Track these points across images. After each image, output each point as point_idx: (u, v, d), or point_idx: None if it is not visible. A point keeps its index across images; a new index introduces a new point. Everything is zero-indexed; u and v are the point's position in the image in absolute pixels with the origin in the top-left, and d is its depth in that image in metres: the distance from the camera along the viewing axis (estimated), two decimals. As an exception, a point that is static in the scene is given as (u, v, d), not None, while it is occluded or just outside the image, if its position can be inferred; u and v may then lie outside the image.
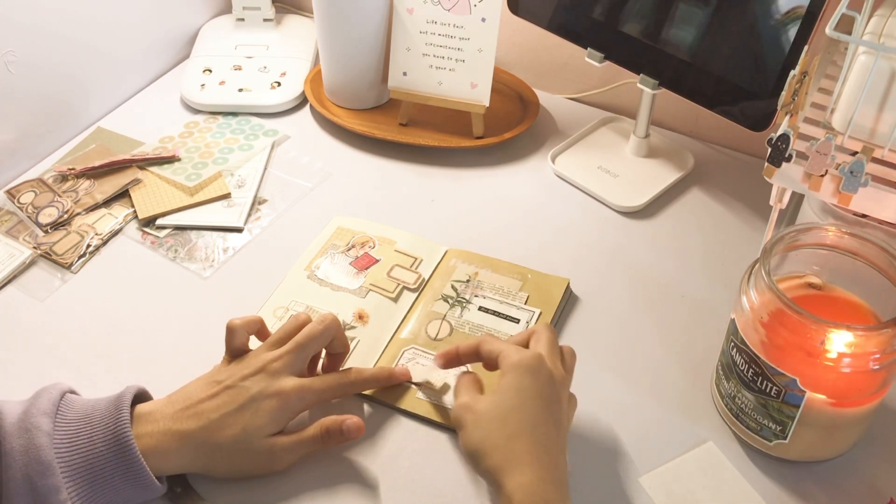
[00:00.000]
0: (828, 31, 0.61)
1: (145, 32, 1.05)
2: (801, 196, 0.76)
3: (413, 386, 0.70)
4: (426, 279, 0.80)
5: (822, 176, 0.63)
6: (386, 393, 0.70)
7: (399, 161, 0.95)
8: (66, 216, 0.85)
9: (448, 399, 0.69)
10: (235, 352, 0.66)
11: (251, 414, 0.61)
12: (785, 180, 0.66)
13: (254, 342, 0.68)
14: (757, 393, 0.62)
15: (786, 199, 0.69)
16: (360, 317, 0.76)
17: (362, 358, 0.72)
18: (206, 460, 0.61)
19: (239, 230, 0.86)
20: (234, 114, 1.01)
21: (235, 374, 0.63)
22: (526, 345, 0.64)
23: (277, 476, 0.64)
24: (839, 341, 0.58)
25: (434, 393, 0.69)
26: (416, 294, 0.78)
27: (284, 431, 0.63)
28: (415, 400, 0.69)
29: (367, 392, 0.70)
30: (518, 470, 0.55)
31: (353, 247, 0.83)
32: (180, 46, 1.11)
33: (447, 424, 0.68)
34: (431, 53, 0.93)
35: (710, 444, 0.67)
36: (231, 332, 0.65)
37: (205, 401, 0.61)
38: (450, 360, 0.67)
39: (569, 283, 0.78)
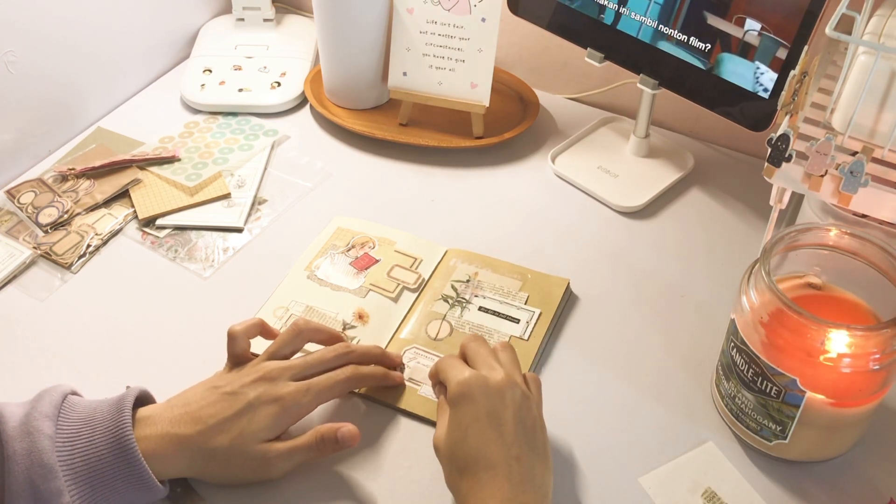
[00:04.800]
0: (828, 31, 0.61)
1: (145, 32, 1.05)
2: (801, 196, 0.76)
3: (414, 385, 0.70)
4: (426, 279, 0.80)
5: (822, 176, 0.63)
6: (386, 393, 0.70)
7: (399, 161, 0.95)
8: (66, 216, 0.85)
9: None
10: (237, 358, 0.66)
11: (248, 420, 0.61)
12: (785, 180, 0.66)
13: (260, 343, 0.68)
14: (757, 393, 0.62)
15: (786, 199, 0.69)
16: (360, 317, 0.76)
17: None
18: (202, 465, 0.61)
19: (239, 230, 0.86)
20: (234, 114, 1.01)
21: (235, 381, 0.63)
22: (465, 359, 0.64)
23: (277, 476, 0.64)
24: (839, 341, 0.58)
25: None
26: (416, 294, 0.78)
27: (281, 438, 0.63)
28: (415, 398, 0.69)
29: (369, 393, 0.70)
30: (473, 501, 0.55)
31: (352, 247, 0.83)
32: (180, 46, 1.11)
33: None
34: (431, 53, 0.93)
35: (710, 444, 0.67)
36: (232, 338, 0.65)
37: (203, 407, 0.61)
38: (436, 385, 0.66)
39: (569, 284, 0.78)
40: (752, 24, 0.77)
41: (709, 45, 0.81)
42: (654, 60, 0.86)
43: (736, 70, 0.80)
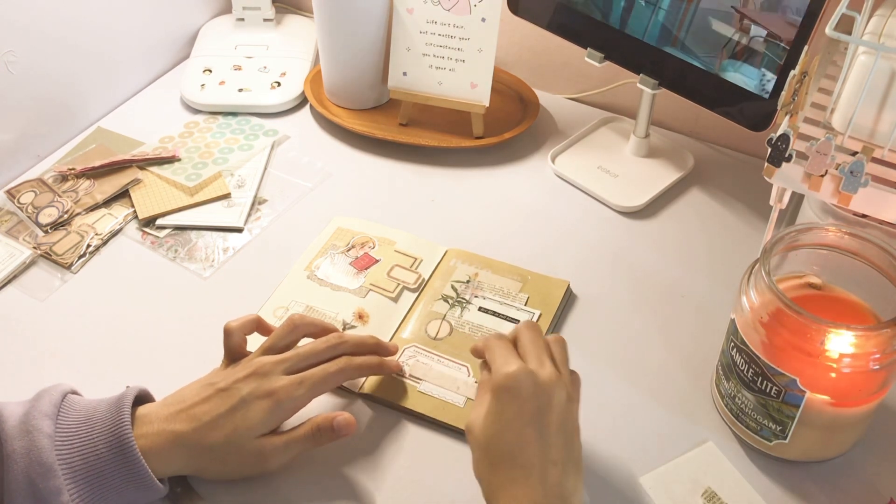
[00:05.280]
0: (828, 31, 0.61)
1: (145, 32, 1.05)
2: (801, 196, 0.76)
3: (413, 382, 0.70)
4: (426, 279, 0.80)
5: (822, 176, 0.63)
6: (386, 390, 0.70)
7: (399, 161, 0.95)
8: (66, 216, 0.85)
9: (450, 395, 0.69)
10: (233, 354, 0.66)
11: (241, 415, 0.61)
12: (785, 180, 0.66)
13: (258, 339, 0.68)
14: (757, 393, 0.62)
15: (786, 199, 0.69)
16: (361, 316, 0.76)
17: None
18: (198, 462, 0.61)
19: (239, 230, 0.86)
20: (234, 114, 1.01)
21: (229, 376, 0.63)
22: (515, 344, 0.62)
23: (278, 476, 0.64)
24: (839, 341, 0.58)
25: (438, 388, 0.69)
26: (416, 294, 0.78)
27: (277, 431, 0.63)
28: (416, 396, 0.69)
29: (368, 391, 0.70)
30: (504, 499, 0.54)
31: (352, 247, 0.83)
32: (180, 46, 1.11)
33: (448, 422, 0.68)
34: (431, 53, 0.93)
35: (710, 444, 0.67)
36: (228, 334, 0.65)
37: (198, 404, 0.61)
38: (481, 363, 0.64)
39: (569, 286, 0.78)
40: (758, 31, 0.77)
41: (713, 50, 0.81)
42: (654, 60, 0.86)
43: (736, 70, 0.80)
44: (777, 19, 0.75)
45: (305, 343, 0.68)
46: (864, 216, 0.68)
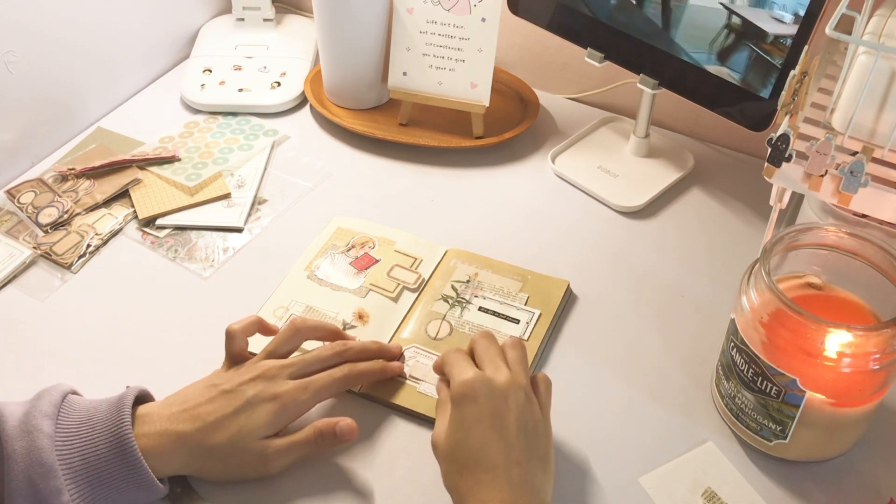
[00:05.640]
0: (828, 31, 0.61)
1: (145, 32, 1.05)
2: (801, 196, 0.76)
3: (413, 382, 0.70)
4: (426, 279, 0.80)
5: (822, 176, 0.63)
6: (385, 391, 0.70)
7: (399, 161, 0.95)
8: (66, 216, 0.85)
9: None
10: (235, 357, 0.66)
11: (246, 417, 0.61)
12: (785, 180, 0.66)
13: (259, 340, 0.68)
14: (757, 393, 0.62)
15: (786, 199, 0.69)
16: (361, 316, 0.76)
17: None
18: (200, 462, 0.61)
19: (239, 230, 0.86)
20: (234, 114, 1.01)
21: (233, 379, 0.63)
22: (472, 355, 0.63)
23: (278, 477, 0.64)
24: (839, 341, 0.58)
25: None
26: (416, 294, 0.78)
27: (279, 434, 0.63)
28: (415, 396, 0.69)
29: (368, 391, 0.70)
30: (473, 503, 0.55)
31: (352, 247, 0.83)
32: (180, 46, 1.11)
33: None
34: (431, 53, 0.93)
35: (710, 444, 0.67)
36: (230, 337, 0.66)
37: (202, 404, 0.61)
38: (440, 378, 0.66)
39: (569, 285, 0.78)
40: (757, 31, 0.77)
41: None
42: (654, 60, 0.86)
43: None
44: (775, 19, 0.75)
45: (311, 348, 0.68)
46: (864, 216, 0.68)
